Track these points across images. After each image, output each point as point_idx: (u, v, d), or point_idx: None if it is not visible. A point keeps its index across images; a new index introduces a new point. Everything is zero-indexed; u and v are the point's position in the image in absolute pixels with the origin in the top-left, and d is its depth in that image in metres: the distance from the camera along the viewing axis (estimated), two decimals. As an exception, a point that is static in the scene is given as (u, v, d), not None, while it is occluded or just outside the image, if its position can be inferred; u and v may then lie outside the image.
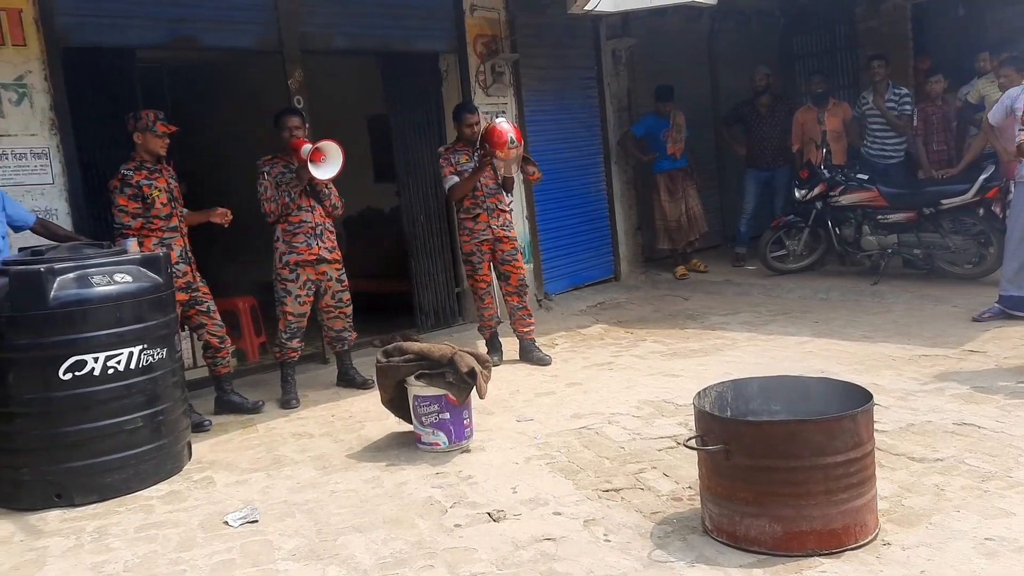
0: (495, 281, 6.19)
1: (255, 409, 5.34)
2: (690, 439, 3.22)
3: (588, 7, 6.87)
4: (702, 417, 3.19)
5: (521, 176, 6.89)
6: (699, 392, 3.33)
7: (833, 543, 2.97)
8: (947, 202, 7.13)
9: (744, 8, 9.85)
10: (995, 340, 5.50)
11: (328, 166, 5.20)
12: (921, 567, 2.86)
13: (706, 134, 9.89)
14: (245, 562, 3.32)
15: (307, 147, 5.23)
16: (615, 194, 8.80)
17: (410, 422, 4.51)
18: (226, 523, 3.68)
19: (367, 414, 5.12)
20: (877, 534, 3.07)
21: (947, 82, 8.08)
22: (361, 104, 8.71)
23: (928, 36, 9.90)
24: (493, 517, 3.56)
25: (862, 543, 3.01)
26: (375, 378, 4.71)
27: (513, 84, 7.63)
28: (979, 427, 4.07)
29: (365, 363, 5.94)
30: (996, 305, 6.01)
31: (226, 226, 5.33)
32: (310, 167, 5.15)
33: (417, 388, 4.37)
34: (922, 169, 7.99)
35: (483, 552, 3.26)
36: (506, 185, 6.03)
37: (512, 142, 5.68)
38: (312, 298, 5.56)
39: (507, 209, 6.09)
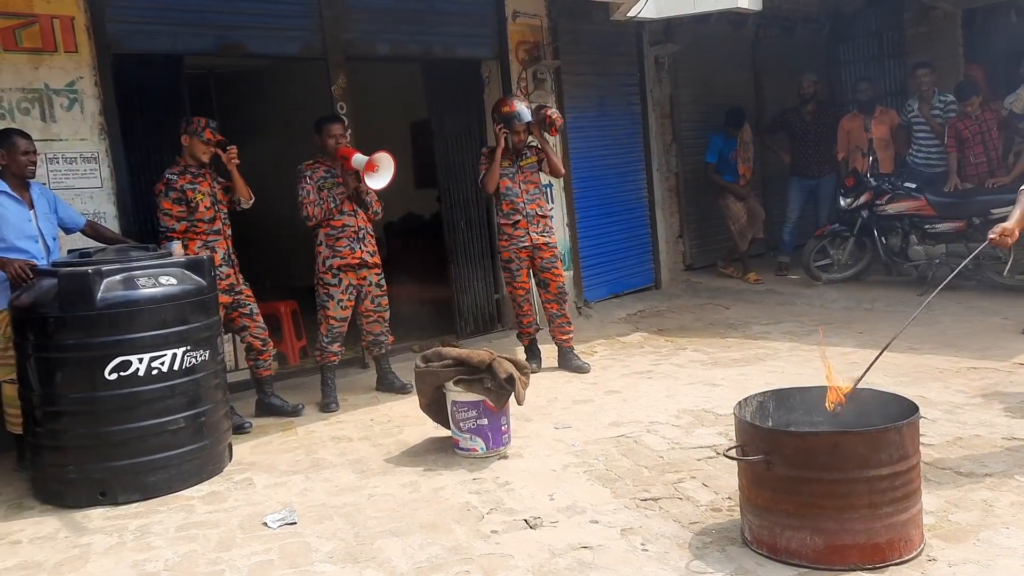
0: (534, 288, 6.18)
1: (295, 412, 5.38)
2: (730, 449, 3.18)
3: (631, 13, 6.85)
4: (743, 427, 3.14)
5: (560, 182, 6.89)
6: (740, 401, 3.29)
7: (876, 558, 2.91)
8: (997, 212, 6.94)
9: (789, 14, 9.73)
10: (1047, 353, 5.37)
11: (381, 176, 5.26)
12: (968, 585, 2.79)
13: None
14: (283, 563, 3.35)
15: (359, 157, 5.29)
16: (656, 201, 8.75)
17: (448, 427, 4.51)
18: (265, 524, 3.72)
19: (405, 419, 5.14)
20: (922, 549, 3.00)
21: (987, 91, 7.88)
22: (404, 110, 8.79)
23: (978, 43, 9.69)
24: (530, 524, 3.54)
25: (906, 558, 2.94)
26: (414, 383, 4.73)
27: (555, 91, 7.63)
28: (1030, 442, 3.97)
29: (404, 368, 5.96)
30: (1049, 317, 5.87)
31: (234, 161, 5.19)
32: (366, 179, 5.24)
33: (455, 393, 4.38)
34: (949, 181, 7.79)
35: (519, 559, 3.25)
36: (552, 169, 6.04)
37: (519, 116, 5.84)
38: (353, 302, 5.60)
39: (548, 215, 6.08)
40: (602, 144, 8.18)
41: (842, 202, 7.89)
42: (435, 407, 4.58)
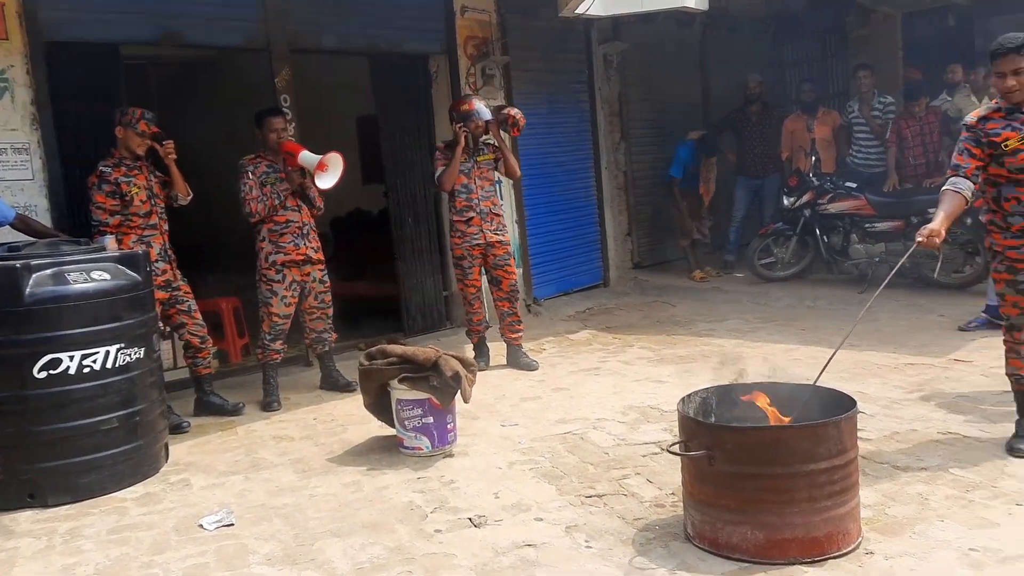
0: (485, 286, 6.15)
1: (235, 411, 5.27)
2: (673, 444, 3.18)
3: (579, 10, 6.85)
4: (686, 422, 3.15)
5: (508, 180, 6.86)
6: (684, 398, 3.30)
7: (815, 551, 2.94)
8: (934, 211, 7.10)
9: (735, 15, 9.84)
10: (981, 350, 5.49)
11: (329, 176, 5.20)
12: (904, 577, 2.82)
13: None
14: (219, 566, 3.26)
15: (308, 155, 5.22)
16: (605, 199, 8.78)
17: (393, 426, 4.46)
18: (201, 526, 3.62)
19: (349, 417, 5.07)
20: (860, 543, 3.04)
21: (928, 98, 8.08)
22: (350, 104, 8.67)
23: (917, 46, 9.92)
24: (474, 523, 3.51)
25: (844, 552, 2.97)
26: (358, 381, 4.66)
27: (504, 87, 7.60)
28: (964, 436, 4.05)
29: (349, 366, 5.88)
30: (983, 315, 6.01)
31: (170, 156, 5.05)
32: (316, 179, 5.17)
33: (400, 392, 4.32)
34: (888, 178, 7.95)
35: (462, 558, 3.21)
36: (508, 170, 6.03)
37: (478, 114, 5.83)
38: (297, 299, 5.51)
39: (501, 212, 6.05)
40: (551, 141, 8.18)
41: (785, 201, 8.01)
42: (379, 405, 4.51)
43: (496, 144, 6.02)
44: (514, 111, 5.96)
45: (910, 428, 4.20)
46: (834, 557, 2.94)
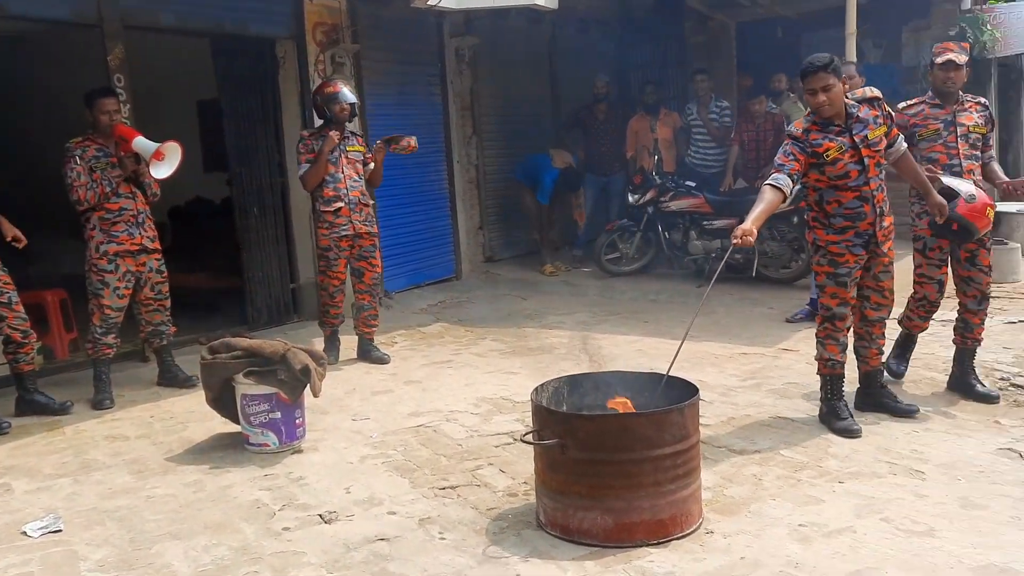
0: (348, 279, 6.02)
1: (62, 410, 4.92)
2: (526, 434, 3.23)
3: (431, 2, 6.82)
4: (539, 412, 3.20)
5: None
6: (536, 388, 3.35)
7: (661, 533, 3.06)
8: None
9: (584, 16, 10.08)
10: (806, 340, 5.87)
11: (165, 165, 4.93)
12: (741, 553, 2.98)
13: (545, 137, 10.04)
14: (45, 575, 3.03)
15: (144, 141, 4.94)
16: (457, 193, 8.79)
17: (237, 422, 4.29)
18: (24, 533, 3.36)
19: (190, 415, 4.84)
20: (701, 523, 3.19)
21: (766, 98, 8.57)
22: (190, 87, 8.26)
23: (750, 55, 10.51)
24: (324, 519, 3.43)
25: (687, 532, 3.12)
26: (199, 376, 4.46)
27: (354, 76, 7.45)
28: (792, 420, 4.33)
29: (189, 362, 5.64)
30: (807, 307, 6.44)
31: (19, 247, 4.83)
32: (151, 168, 4.88)
33: (246, 386, 4.16)
34: (725, 176, 8.40)
35: (313, 555, 3.14)
36: (375, 179, 5.98)
37: (343, 96, 5.75)
38: (131, 291, 5.21)
39: (369, 203, 5.92)
40: (402, 132, 8.07)
41: (630, 199, 8.29)
42: (223, 401, 4.34)
43: (361, 134, 5.91)
44: (413, 142, 5.89)
45: (744, 413, 4.45)
46: (678, 538, 3.07)
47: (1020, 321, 6.15)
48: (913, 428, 4.11)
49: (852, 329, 4.33)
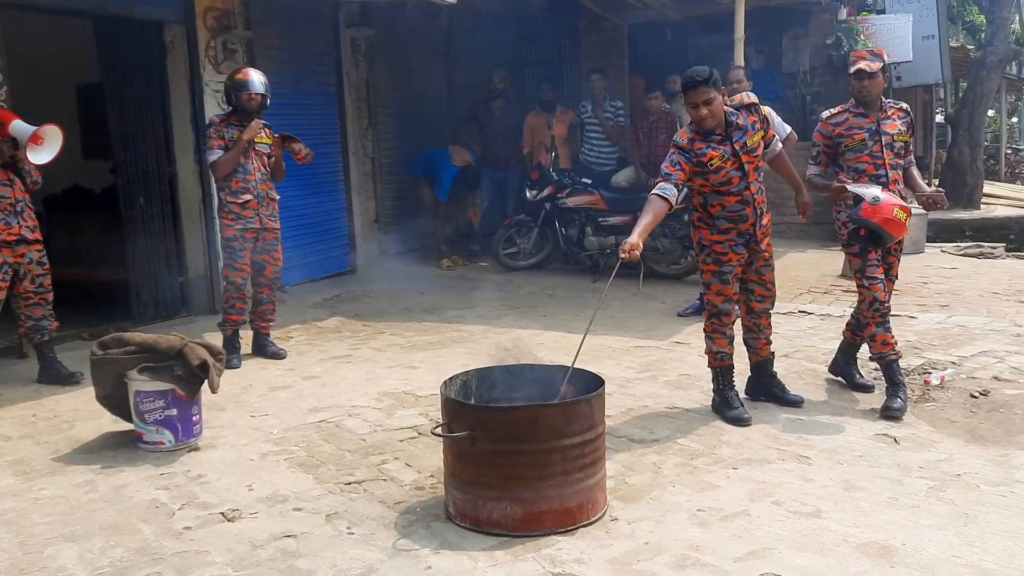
0: None
1: (-66, 410, 4.62)
2: (437, 427, 3.25)
3: (327, -9, 6.71)
4: (449, 405, 3.23)
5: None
6: (445, 381, 3.38)
7: (568, 521, 3.14)
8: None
9: (481, 11, 10.13)
10: (696, 333, 6.07)
11: (45, 150, 4.68)
12: (645, 539, 3.10)
13: (442, 131, 10.05)
14: (-74, 586, 2.87)
15: (21, 125, 4.68)
16: (353, 186, 8.69)
17: (130, 420, 4.14)
18: (-101, 542, 3.15)
19: (76, 413, 4.63)
20: (606, 510, 3.29)
21: (662, 95, 8.82)
22: (71, 70, 7.86)
23: (641, 56, 10.81)
24: (227, 517, 3.36)
25: (593, 519, 3.21)
26: (89, 373, 4.27)
27: (247, 63, 7.25)
28: (687, 410, 4.50)
29: (71, 358, 5.42)
30: (696, 301, 6.69)
31: None
32: (28, 153, 4.63)
33: (140, 383, 4.02)
34: (632, 172, 8.64)
35: (217, 554, 3.07)
36: (277, 173, 5.82)
37: (252, 85, 5.57)
38: (8, 283, 4.93)
39: (277, 198, 5.78)
40: (296, 124, 7.87)
41: (528, 194, 8.40)
42: (114, 398, 4.17)
43: (269, 125, 5.75)
44: (308, 154, 5.78)
45: (642, 404, 4.60)
46: (585, 525, 3.16)
47: (896, 315, 6.55)
48: (799, 416, 4.34)
49: (741, 322, 4.53)
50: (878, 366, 4.56)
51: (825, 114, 4.63)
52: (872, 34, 10.00)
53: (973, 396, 4.50)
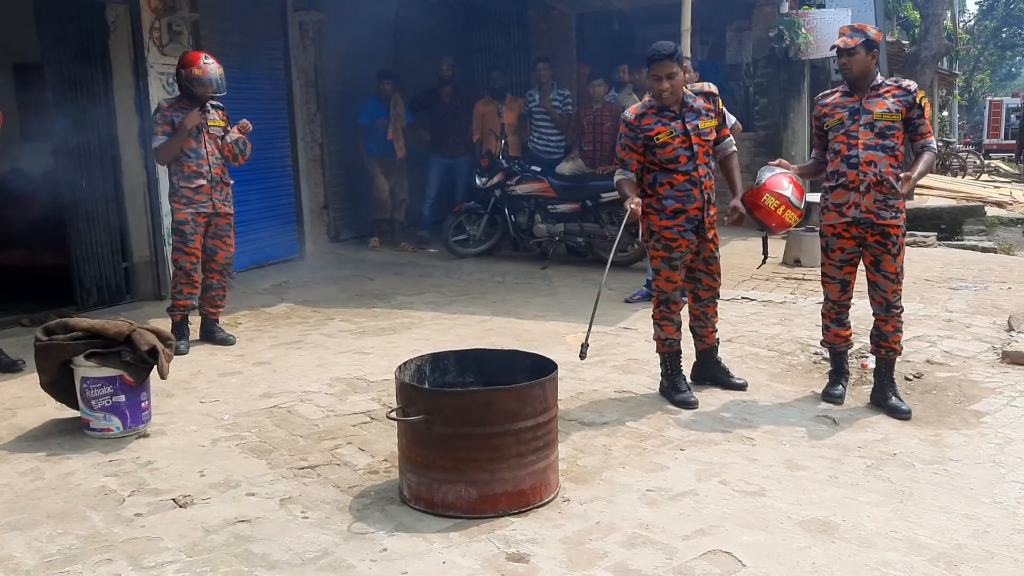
0: None
1: None
2: (392, 411, 3.28)
3: (276, -27, 6.63)
4: (404, 389, 3.26)
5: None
6: (400, 365, 3.40)
7: (522, 502, 3.20)
8: (606, 196, 7.89)
9: (429, -2, 10.11)
10: (643, 318, 6.19)
11: None
12: (596, 519, 3.17)
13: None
14: None
15: None
16: (301, 171, 8.61)
17: (76, 407, 4.08)
18: None
19: (19, 400, 4.54)
20: (558, 492, 3.36)
21: (605, 84, 8.89)
22: (7, 50, 7.62)
23: (589, 45, 10.88)
24: (179, 503, 3.35)
25: (546, 501, 3.27)
26: (32, 359, 4.18)
27: (192, 46, 7.13)
28: (635, 393, 4.60)
29: (11, 344, 5.33)
30: (644, 288, 6.81)
31: None
32: None
33: (87, 369, 3.96)
34: (572, 161, 8.69)
35: (169, 540, 3.06)
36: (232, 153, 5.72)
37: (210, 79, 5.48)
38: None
39: (231, 182, 5.70)
40: (244, 108, 7.75)
41: (477, 181, 8.42)
42: (60, 385, 4.11)
43: (223, 106, 5.67)
44: (242, 142, 5.68)
45: (592, 388, 4.68)
46: (538, 507, 3.23)
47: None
48: (743, 399, 4.47)
49: (688, 309, 4.64)
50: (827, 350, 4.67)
51: (819, 96, 4.47)
52: (812, 28, 10.21)
53: (907, 379, 4.68)
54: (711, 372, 4.66)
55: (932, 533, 3.03)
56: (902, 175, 4.04)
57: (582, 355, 3.98)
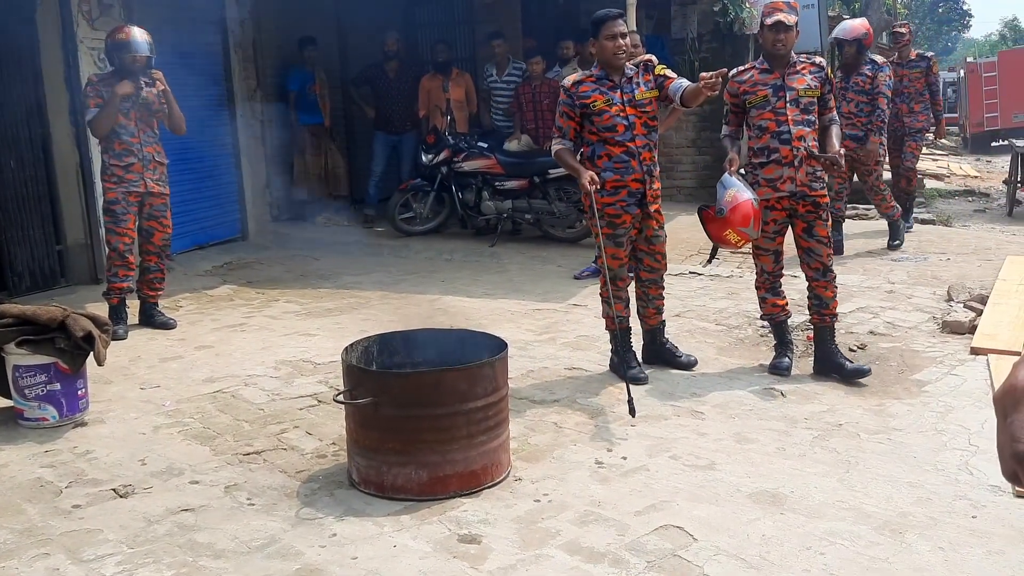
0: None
1: None
2: (339, 394, 3.22)
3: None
4: (351, 371, 3.19)
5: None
6: (346, 347, 3.34)
7: (473, 483, 3.17)
8: (553, 172, 7.85)
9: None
10: (592, 295, 6.17)
11: None
12: (548, 497, 3.16)
13: (334, 94, 9.81)
14: None
15: None
16: (242, 148, 8.39)
17: (8, 397, 3.93)
18: None
19: (-53, 391, 4.35)
20: (510, 471, 3.34)
21: (545, 63, 8.81)
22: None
23: (534, 19, 10.78)
24: (119, 493, 3.25)
25: (498, 481, 3.25)
26: (-41, 348, 4.01)
27: (125, 20, 6.86)
28: (585, 370, 4.60)
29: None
30: (592, 264, 6.79)
31: None
32: None
33: (18, 357, 3.82)
34: (512, 139, 8.62)
35: (110, 532, 2.97)
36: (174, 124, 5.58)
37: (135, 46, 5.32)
38: None
39: (165, 162, 5.53)
40: (180, 84, 7.46)
41: (424, 158, 8.30)
42: (-10, 374, 3.94)
43: (158, 79, 5.47)
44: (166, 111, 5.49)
45: (542, 366, 4.66)
46: (490, 487, 3.20)
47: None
48: (692, 374, 4.49)
49: (634, 286, 4.63)
50: (768, 324, 4.74)
51: (733, 72, 4.49)
52: (756, 2, 10.25)
53: (852, 350, 4.75)
54: (659, 352, 4.66)
55: (877, 502, 3.08)
56: (836, 151, 4.31)
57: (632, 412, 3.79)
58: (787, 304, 4.61)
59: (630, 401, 3.78)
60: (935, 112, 8.33)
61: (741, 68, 4.53)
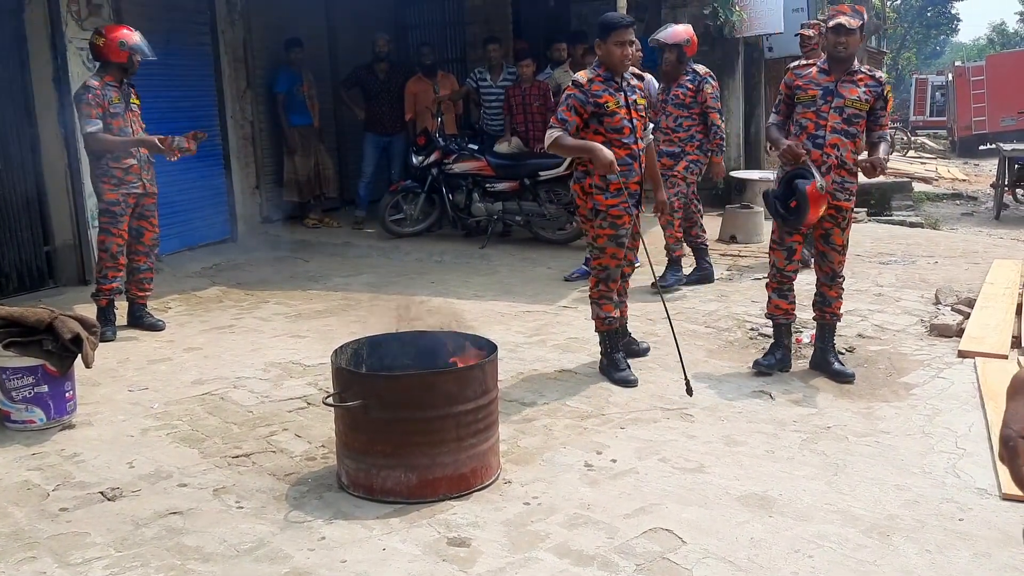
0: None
1: None
2: (328, 396, 3.21)
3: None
4: (341, 374, 3.19)
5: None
6: (336, 349, 3.33)
7: (462, 486, 3.17)
8: (544, 174, 7.86)
9: (362, -29, 9.88)
10: (583, 297, 6.19)
11: None
12: (538, 500, 3.16)
13: (324, 95, 9.79)
14: None
15: None
16: (231, 150, 8.37)
17: (-6, 399, 3.90)
18: None
19: (-67, 393, 4.32)
20: (499, 474, 3.34)
21: (536, 65, 8.81)
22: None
23: (525, 21, 10.78)
24: (107, 496, 3.24)
25: (487, 483, 3.25)
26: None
27: (114, 20, 6.84)
28: (575, 373, 4.60)
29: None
30: (583, 267, 6.80)
31: None
32: None
33: (6, 359, 3.80)
34: (503, 142, 8.61)
35: (97, 535, 2.96)
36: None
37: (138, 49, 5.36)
38: None
39: (154, 162, 5.54)
40: (170, 85, 7.55)
41: (414, 160, 8.28)
42: (-23, 376, 3.91)
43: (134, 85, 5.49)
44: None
45: (532, 368, 4.67)
46: (479, 489, 3.20)
47: (764, 278, 6.85)
48: (681, 376, 4.48)
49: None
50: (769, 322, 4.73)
51: (793, 64, 4.52)
52: (746, 6, 10.29)
53: (840, 353, 4.76)
54: (624, 345, 4.68)
55: (865, 504, 3.10)
56: (874, 159, 4.27)
57: (689, 392, 4.00)
58: (792, 309, 4.59)
59: (687, 381, 3.94)
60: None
61: (803, 62, 4.54)
